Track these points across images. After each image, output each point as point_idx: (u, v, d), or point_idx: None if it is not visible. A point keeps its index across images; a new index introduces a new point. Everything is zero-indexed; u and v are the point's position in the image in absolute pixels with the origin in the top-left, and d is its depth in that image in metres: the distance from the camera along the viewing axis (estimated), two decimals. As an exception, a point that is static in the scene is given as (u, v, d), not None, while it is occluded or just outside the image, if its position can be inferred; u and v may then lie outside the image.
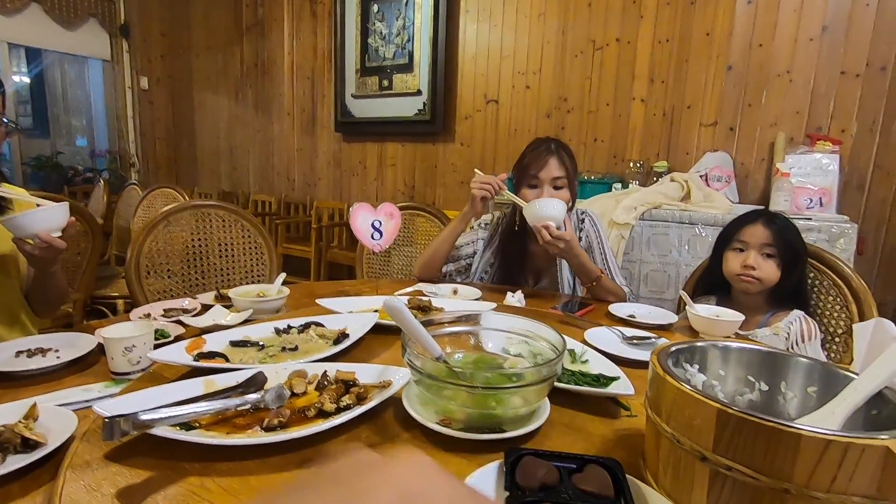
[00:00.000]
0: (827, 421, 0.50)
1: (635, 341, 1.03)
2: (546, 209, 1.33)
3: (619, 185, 2.67)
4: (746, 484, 0.43)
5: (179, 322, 1.09)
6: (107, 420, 0.53)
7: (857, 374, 0.53)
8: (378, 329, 0.99)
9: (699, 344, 0.62)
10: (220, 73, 4.92)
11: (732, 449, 0.43)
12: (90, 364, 0.89)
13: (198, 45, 5.07)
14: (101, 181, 3.88)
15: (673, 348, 0.60)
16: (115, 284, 2.72)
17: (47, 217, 1.00)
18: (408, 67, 3.63)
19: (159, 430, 0.57)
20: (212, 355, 0.80)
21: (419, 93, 3.60)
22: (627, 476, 0.52)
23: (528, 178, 1.47)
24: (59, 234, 1.03)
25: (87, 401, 0.72)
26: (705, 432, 0.45)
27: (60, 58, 4.97)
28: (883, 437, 0.39)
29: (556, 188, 1.46)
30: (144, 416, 0.55)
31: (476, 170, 1.51)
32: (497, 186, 1.45)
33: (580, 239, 1.58)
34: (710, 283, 1.43)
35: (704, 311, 1.18)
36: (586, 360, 0.88)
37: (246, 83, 4.74)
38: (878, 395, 0.50)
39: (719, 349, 0.62)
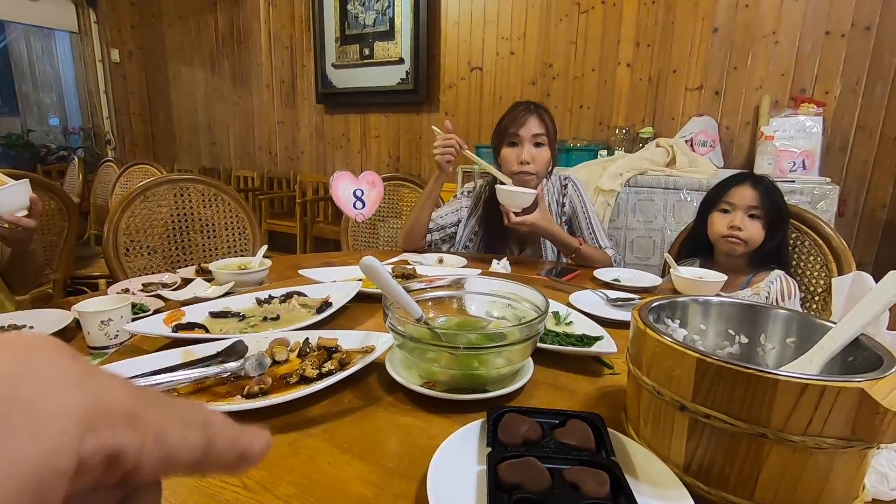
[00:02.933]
0: (804, 368, 0.51)
1: (619, 303, 1.04)
2: (513, 198, 1.35)
3: (604, 153, 2.66)
4: (724, 431, 0.43)
5: (159, 296, 1.07)
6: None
7: (834, 323, 0.53)
8: (361, 297, 0.99)
9: (680, 299, 0.62)
10: (194, 43, 4.75)
11: (711, 397, 0.44)
12: (67, 339, 0.88)
13: (169, 14, 4.86)
14: (76, 159, 3.77)
15: (654, 304, 0.60)
16: (95, 264, 2.68)
17: (7, 198, 0.96)
18: (389, 35, 3.53)
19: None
20: (191, 326, 0.79)
21: (401, 61, 3.51)
22: (609, 429, 0.52)
23: (508, 137, 1.46)
24: (26, 213, 1.00)
25: (63, 375, 0.70)
26: (685, 382, 0.45)
27: (25, 30, 4.75)
28: (857, 379, 0.40)
29: (537, 145, 1.45)
30: (120, 386, 0.54)
31: (434, 127, 1.47)
32: (459, 144, 1.44)
33: (563, 205, 1.57)
34: (694, 245, 1.43)
35: (688, 273, 1.18)
36: (570, 322, 0.89)
37: (222, 54, 4.58)
38: (855, 343, 0.50)
39: (700, 304, 0.62)
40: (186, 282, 1.17)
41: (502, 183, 1.44)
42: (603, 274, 1.28)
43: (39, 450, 0.11)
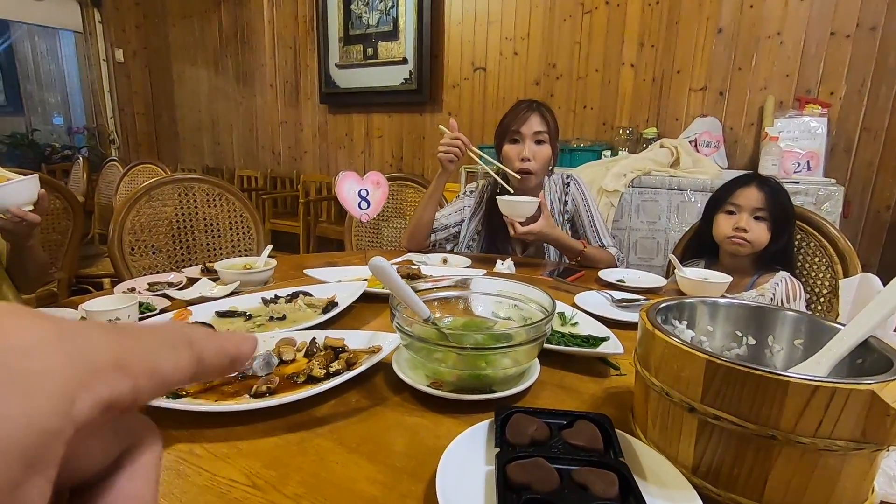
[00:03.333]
0: (813, 370, 0.50)
1: (625, 304, 1.04)
2: (516, 208, 1.34)
3: (608, 153, 2.65)
4: (733, 432, 0.43)
5: (165, 295, 1.07)
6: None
7: (843, 325, 0.53)
8: (367, 297, 0.99)
9: (688, 301, 0.62)
10: (198, 43, 4.76)
11: (720, 399, 0.44)
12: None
13: (173, 14, 4.88)
14: (80, 158, 3.78)
15: (662, 305, 0.60)
16: (100, 263, 2.68)
17: (17, 191, 0.98)
18: (392, 35, 3.53)
19: (145, 399, 0.56)
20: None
21: (405, 61, 3.51)
22: (616, 430, 0.52)
23: (510, 134, 1.47)
24: (32, 207, 1.01)
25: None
26: (694, 384, 0.45)
27: (29, 30, 4.77)
28: (868, 381, 0.40)
29: (538, 143, 1.45)
30: (129, 385, 0.54)
31: (440, 126, 1.47)
32: (465, 143, 1.44)
33: (566, 203, 1.57)
34: (699, 246, 1.43)
35: (693, 274, 1.18)
36: (576, 323, 0.89)
37: (226, 54, 4.59)
38: (864, 345, 0.50)
39: (707, 305, 0.62)
40: (192, 281, 1.18)
41: (506, 184, 1.44)
42: (607, 275, 1.28)
43: (24, 413, 0.11)
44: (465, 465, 0.49)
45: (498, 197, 1.38)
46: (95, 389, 0.13)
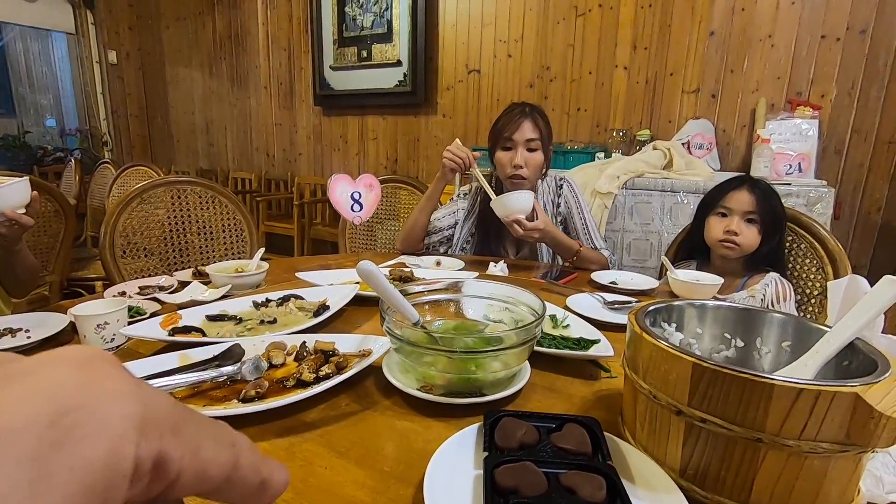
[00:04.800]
0: (800, 373, 0.51)
1: (616, 306, 1.04)
2: (514, 203, 1.33)
3: (602, 155, 2.66)
4: (720, 435, 0.44)
5: (155, 299, 1.07)
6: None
7: (829, 327, 0.53)
8: (359, 300, 0.98)
9: (676, 303, 0.62)
10: (191, 45, 4.75)
11: (707, 401, 0.44)
12: (63, 343, 0.87)
13: (167, 16, 4.86)
14: (73, 161, 3.76)
15: (651, 308, 0.60)
16: (92, 266, 2.67)
17: (9, 194, 0.98)
18: (387, 37, 3.53)
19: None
20: (187, 330, 0.79)
21: (399, 63, 3.52)
22: (605, 433, 0.52)
23: (502, 141, 1.47)
24: (24, 210, 1.01)
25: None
26: (681, 386, 0.45)
27: (22, 31, 4.73)
28: (852, 384, 0.40)
29: (530, 150, 1.45)
30: (116, 391, 0.54)
31: (457, 140, 1.49)
32: (468, 162, 1.44)
33: (558, 205, 1.58)
34: (691, 248, 1.44)
35: (684, 276, 1.19)
36: (567, 325, 0.89)
37: (220, 56, 4.58)
38: (850, 347, 0.50)
39: (696, 308, 0.62)
40: (183, 285, 1.17)
41: (495, 192, 1.44)
42: (600, 276, 1.29)
43: (106, 452, 0.12)
44: (454, 469, 0.49)
45: (491, 202, 1.38)
46: (153, 440, 0.14)
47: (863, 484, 0.50)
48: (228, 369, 0.63)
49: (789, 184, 2.09)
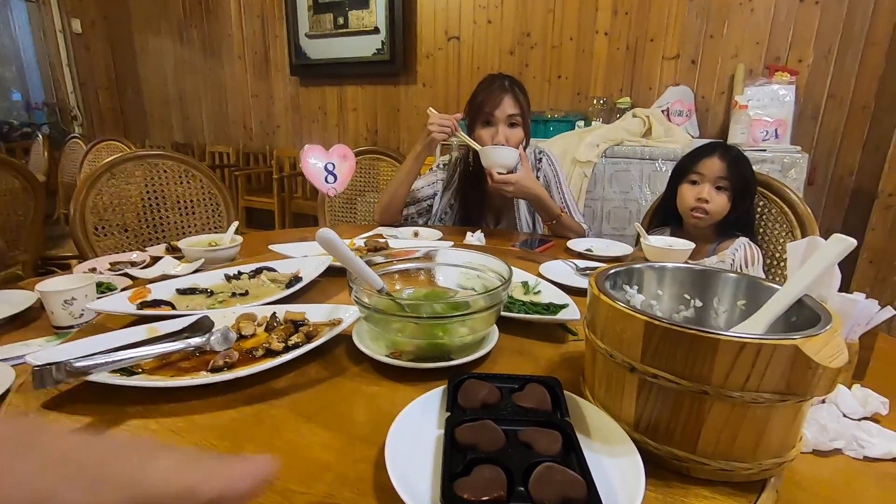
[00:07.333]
0: (751, 329, 0.53)
1: (588, 272, 1.05)
2: (498, 156, 1.34)
3: (582, 123, 2.65)
4: (669, 389, 0.45)
5: (127, 275, 1.06)
6: (36, 368, 0.51)
7: (780, 286, 0.55)
8: (333, 272, 0.98)
9: (636, 266, 0.64)
10: (160, 12, 4.54)
11: (658, 358, 0.45)
12: (31, 319, 0.86)
13: (132, -18, 4.63)
14: (40, 136, 3.63)
15: (612, 271, 0.61)
16: (67, 245, 2.61)
17: None
18: (363, 3, 3.42)
19: (99, 377, 0.56)
20: (157, 303, 0.78)
21: (377, 30, 3.42)
22: (565, 392, 0.54)
23: (483, 117, 1.45)
24: None
25: (25, 355, 0.70)
26: (634, 344, 0.47)
27: (-23, -1, 4.48)
28: (793, 337, 0.42)
29: (511, 125, 1.44)
30: (79, 363, 0.54)
31: (431, 109, 1.46)
32: (454, 127, 1.43)
33: (537, 178, 1.58)
34: (665, 214, 1.46)
35: (657, 242, 1.20)
36: (539, 291, 0.90)
37: (190, 23, 4.40)
38: (798, 303, 0.52)
39: (655, 270, 0.64)
40: (156, 260, 1.16)
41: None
42: (576, 244, 1.30)
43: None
44: (418, 430, 0.50)
45: (479, 148, 1.38)
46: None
47: (808, 432, 0.53)
48: (196, 340, 0.63)
49: (765, 150, 2.12)
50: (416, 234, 1.40)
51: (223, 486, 0.19)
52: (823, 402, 0.60)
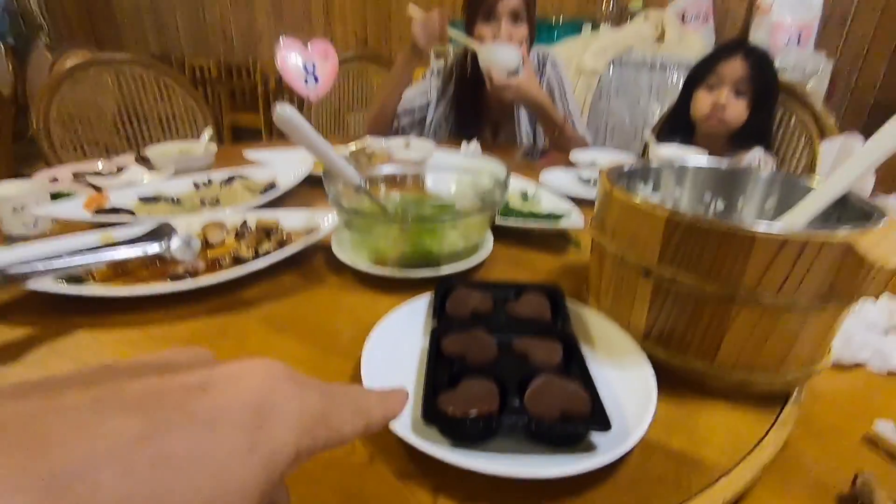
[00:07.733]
0: (786, 227, 0.46)
1: (592, 182, 0.97)
2: (498, 56, 1.20)
3: (589, 28, 2.43)
4: (689, 295, 0.39)
5: (91, 185, 0.97)
6: (-37, 274, 0.44)
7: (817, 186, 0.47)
8: (315, 181, 0.90)
9: (654, 165, 0.56)
10: None
11: (679, 258, 0.39)
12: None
13: None
14: (2, 46, 3.35)
15: (627, 169, 0.53)
16: (42, 164, 2.48)
17: None
18: None
19: (42, 286, 0.50)
20: (115, 211, 0.71)
21: (364, -79, 3.05)
22: (567, 300, 0.48)
23: (484, 9, 1.29)
24: None
25: (-30, 264, 0.63)
26: (651, 245, 0.40)
27: None
28: (843, 232, 0.35)
29: (515, 20, 1.29)
30: (16, 270, 0.47)
31: (412, 6, 1.29)
32: (440, 29, 1.27)
33: (540, 84, 1.44)
34: (675, 124, 1.35)
35: (667, 151, 1.11)
36: (538, 201, 0.83)
37: (156, -85, 3.93)
38: (841, 202, 0.45)
39: (674, 169, 0.56)
40: (123, 171, 1.06)
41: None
42: (580, 155, 1.21)
43: (286, 439, 0.15)
44: (401, 341, 0.45)
45: (479, 46, 1.24)
46: (309, 435, 0.16)
47: (833, 344, 0.48)
48: (154, 247, 0.56)
49: (785, 57, 1.95)
50: (407, 145, 1.30)
51: (388, 412, 0.20)
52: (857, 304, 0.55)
